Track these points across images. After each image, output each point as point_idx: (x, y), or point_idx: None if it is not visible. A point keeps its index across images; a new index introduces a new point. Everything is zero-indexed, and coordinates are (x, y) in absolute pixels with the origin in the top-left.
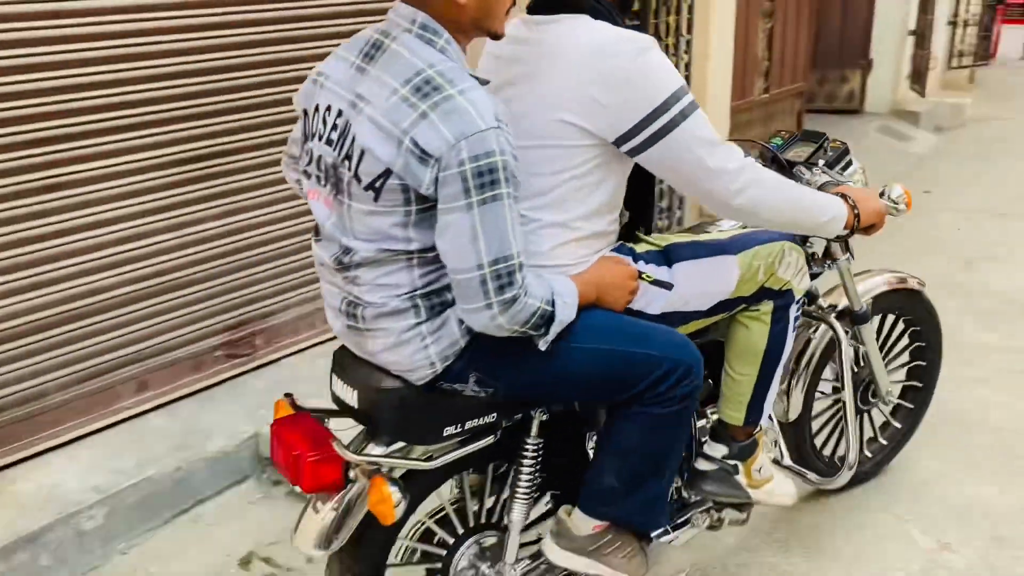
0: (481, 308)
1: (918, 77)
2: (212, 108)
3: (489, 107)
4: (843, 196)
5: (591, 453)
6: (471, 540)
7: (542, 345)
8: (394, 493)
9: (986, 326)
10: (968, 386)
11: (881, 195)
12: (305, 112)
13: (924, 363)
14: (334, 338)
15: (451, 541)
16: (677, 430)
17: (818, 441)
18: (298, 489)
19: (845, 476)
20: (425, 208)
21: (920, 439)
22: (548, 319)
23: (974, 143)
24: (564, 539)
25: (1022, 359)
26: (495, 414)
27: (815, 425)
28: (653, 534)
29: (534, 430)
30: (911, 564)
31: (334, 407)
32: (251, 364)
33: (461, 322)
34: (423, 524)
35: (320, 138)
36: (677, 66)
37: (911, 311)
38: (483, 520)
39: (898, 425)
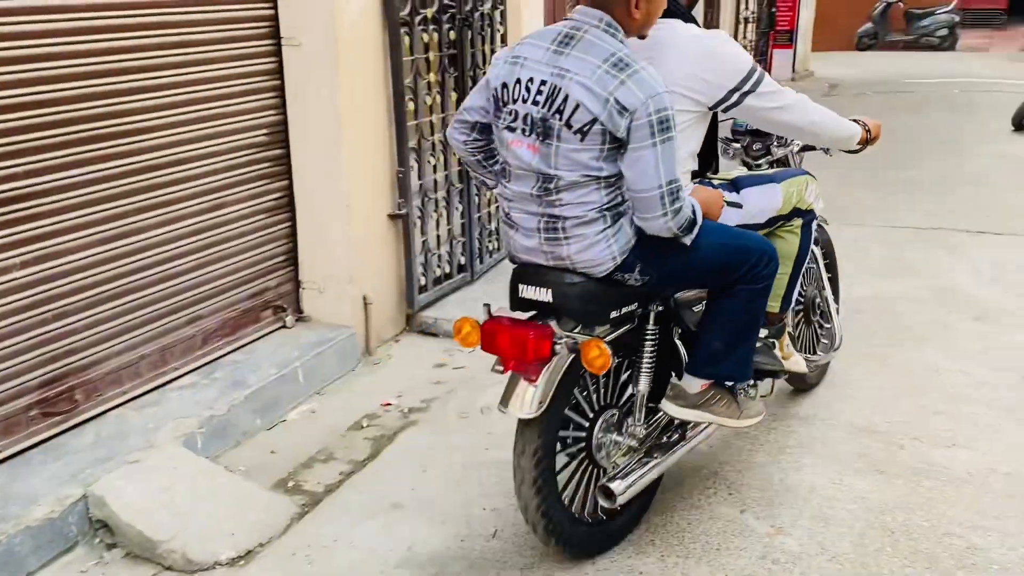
0: (659, 216)
1: None
2: (10, 149)
3: (660, 78)
4: (855, 120)
5: (678, 343)
6: (602, 415)
7: (687, 241)
8: (607, 347)
9: None
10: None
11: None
12: (504, 85)
13: (833, 288)
14: (163, 385)
15: (591, 414)
16: (762, 302)
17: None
18: (503, 372)
19: (831, 355)
20: (614, 147)
21: (743, 433)
22: (693, 223)
23: None
24: (679, 399)
25: None
26: (637, 303)
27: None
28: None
29: (652, 319)
30: (752, 551)
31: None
32: (71, 421)
33: (632, 224)
34: (575, 398)
35: (525, 100)
36: None
37: (823, 242)
38: (605, 402)
39: (826, 341)
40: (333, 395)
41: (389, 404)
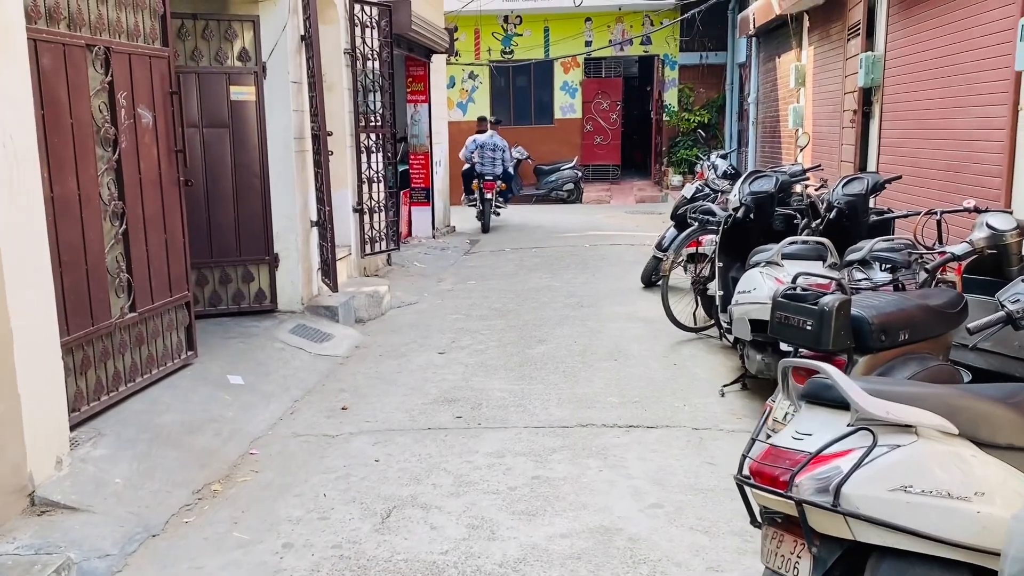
0: (511, 163)
1: (328, 269)
2: None
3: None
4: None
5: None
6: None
7: (511, 169)
8: (499, 183)
9: None
10: None
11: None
12: (481, 145)
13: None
14: None
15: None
16: (519, 183)
17: None
18: None
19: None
20: (505, 153)
21: None
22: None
23: (393, 334)
24: (500, 203)
25: None
26: (503, 182)
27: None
28: None
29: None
30: None
31: None
32: None
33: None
34: None
35: (489, 146)
36: None
37: None
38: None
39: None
40: None
41: None
